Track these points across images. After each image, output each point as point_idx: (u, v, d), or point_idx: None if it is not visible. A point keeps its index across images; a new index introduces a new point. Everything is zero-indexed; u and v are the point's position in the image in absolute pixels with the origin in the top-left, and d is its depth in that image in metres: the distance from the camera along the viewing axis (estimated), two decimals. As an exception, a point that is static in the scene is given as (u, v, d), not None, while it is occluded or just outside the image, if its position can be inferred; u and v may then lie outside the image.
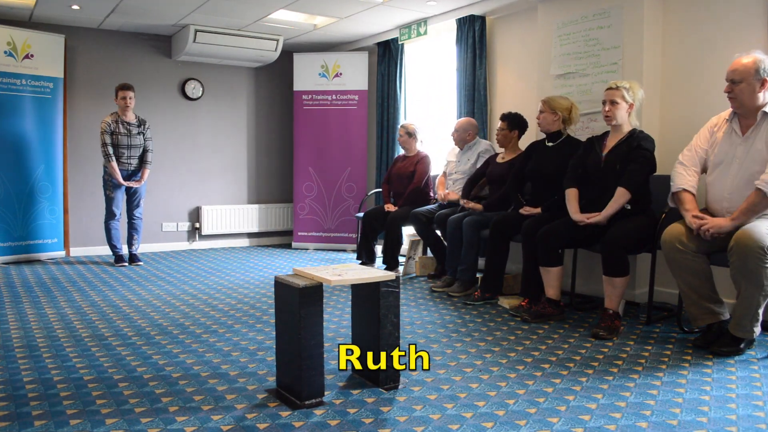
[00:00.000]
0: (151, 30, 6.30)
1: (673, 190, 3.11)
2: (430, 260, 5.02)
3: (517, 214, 3.97)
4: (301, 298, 2.21)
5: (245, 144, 7.09)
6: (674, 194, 3.11)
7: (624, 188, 3.30)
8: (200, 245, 6.83)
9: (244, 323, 3.47)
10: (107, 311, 3.76)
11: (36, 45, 5.62)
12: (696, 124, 3.51)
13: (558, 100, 3.92)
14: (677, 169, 3.13)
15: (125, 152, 5.40)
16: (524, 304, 3.66)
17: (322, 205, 6.73)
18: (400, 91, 6.17)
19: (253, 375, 2.59)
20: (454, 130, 4.81)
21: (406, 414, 2.17)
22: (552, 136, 3.96)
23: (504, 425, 2.07)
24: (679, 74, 3.93)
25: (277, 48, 6.48)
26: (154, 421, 2.09)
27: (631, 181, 3.30)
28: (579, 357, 2.83)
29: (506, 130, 4.37)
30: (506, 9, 5.04)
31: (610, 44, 4.09)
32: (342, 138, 6.64)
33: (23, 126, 5.59)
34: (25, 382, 2.48)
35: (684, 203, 3.03)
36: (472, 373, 2.61)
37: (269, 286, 4.57)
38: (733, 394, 2.35)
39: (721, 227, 2.83)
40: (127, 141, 5.39)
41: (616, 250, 3.20)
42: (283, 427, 2.06)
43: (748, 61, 2.86)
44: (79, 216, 6.11)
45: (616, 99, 3.40)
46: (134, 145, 5.44)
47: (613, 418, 2.13)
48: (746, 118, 2.94)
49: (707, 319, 2.95)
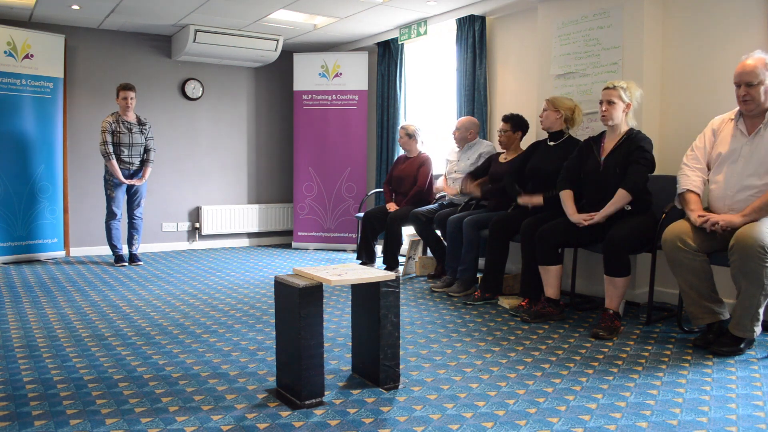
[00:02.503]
0: (151, 30, 6.30)
1: (679, 192, 3.11)
2: (430, 260, 5.02)
3: (517, 214, 3.97)
4: (301, 298, 2.20)
5: (245, 144, 7.09)
6: (679, 195, 3.12)
7: (625, 190, 3.31)
8: (200, 245, 6.83)
9: (244, 323, 3.47)
10: (107, 311, 3.76)
11: (36, 45, 5.62)
12: (696, 124, 3.52)
13: (562, 99, 3.93)
14: (682, 171, 3.14)
15: (126, 152, 5.41)
16: (524, 304, 3.66)
17: (322, 205, 6.73)
18: (400, 91, 6.17)
19: (253, 375, 2.59)
20: (456, 129, 4.81)
21: (406, 414, 2.17)
22: (554, 135, 3.96)
23: (504, 425, 2.07)
24: (679, 74, 3.93)
25: (277, 48, 6.48)
26: (154, 421, 2.09)
27: (632, 184, 3.30)
28: (579, 357, 2.83)
29: (510, 132, 4.37)
30: (506, 9, 5.04)
31: (610, 44, 4.09)
32: (342, 138, 6.64)
33: (23, 126, 5.59)
34: (25, 382, 2.48)
35: (689, 203, 3.04)
36: (472, 373, 2.61)
37: (269, 286, 4.57)
38: (733, 394, 2.35)
39: (732, 222, 2.82)
40: (128, 140, 5.40)
41: (617, 250, 3.20)
42: (283, 427, 2.06)
43: (758, 61, 2.85)
44: (79, 216, 6.11)
45: (612, 99, 3.40)
46: (135, 145, 5.45)
47: (613, 418, 2.13)
48: (752, 118, 2.94)
49: (707, 318, 2.95)
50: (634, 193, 3.32)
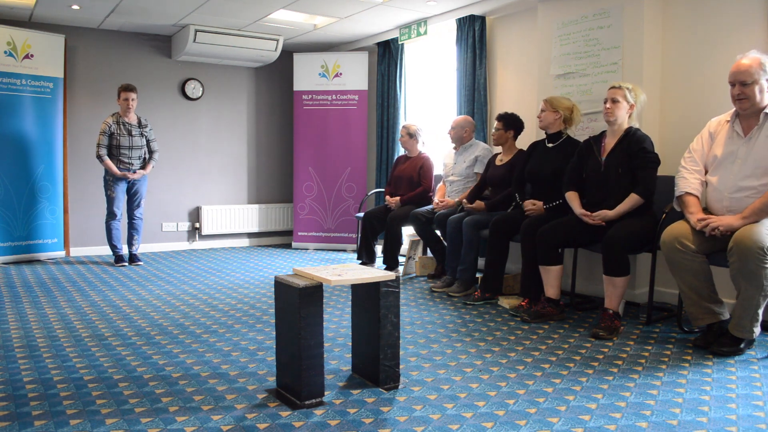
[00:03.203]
0: (151, 30, 6.30)
1: (677, 194, 3.11)
2: (430, 260, 5.02)
3: (517, 214, 3.97)
4: (301, 298, 2.21)
5: (245, 144, 7.09)
6: (678, 198, 3.12)
7: (638, 196, 3.32)
8: (200, 245, 6.83)
9: (244, 323, 3.47)
10: (107, 311, 3.76)
11: (36, 45, 5.62)
12: (696, 124, 3.51)
13: (560, 99, 3.92)
14: (680, 173, 3.14)
15: (126, 153, 5.40)
16: (524, 304, 3.66)
17: (322, 205, 6.73)
18: (400, 91, 6.17)
19: (253, 375, 2.59)
20: (451, 128, 4.79)
21: (406, 414, 2.17)
22: (552, 136, 3.96)
23: (504, 425, 2.07)
24: (679, 74, 3.93)
25: (277, 48, 6.49)
26: (154, 421, 2.09)
27: (645, 189, 3.33)
28: (579, 357, 2.83)
29: (501, 130, 4.37)
30: (506, 9, 5.04)
31: (610, 44, 4.09)
32: (342, 138, 6.64)
33: (23, 126, 5.59)
34: (25, 382, 2.48)
35: (688, 206, 3.04)
36: (472, 373, 2.61)
37: (269, 286, 4.57)
38: (733, 394, 2.35)
39: (731, 225, 2.82)
40: (127, 142, 5.39)
41: (616, 250, 3.21)
42: (283, 427, 2.06)
43: (753, 61, 2.86)
44: (79, 216, 6.11)
45: (617, 97, 3.41)
46: (135, 146, 5.44)
47: (613, 418, 2.13)
48: (748, 119, 2.95)
49: (707, 319, 2.95)
50: (647, 198, 3.34)
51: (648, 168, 3.33)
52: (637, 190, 3.33)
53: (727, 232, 2.83)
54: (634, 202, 3.34)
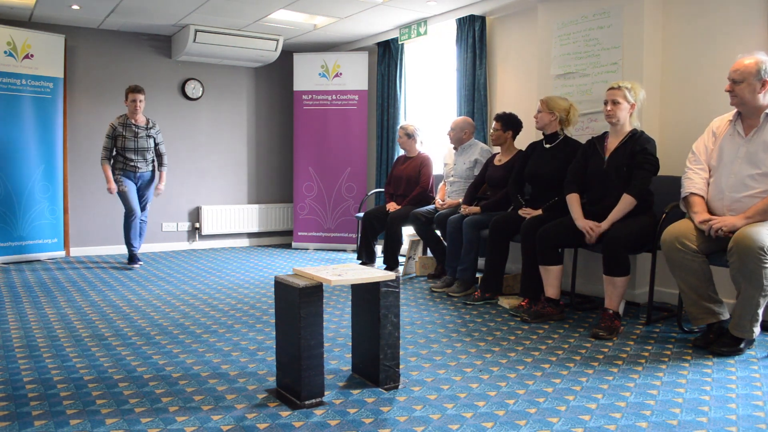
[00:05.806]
0: (151, 30, 6.30)
1: (683, 195, 3.12)
2: (430, 260, 5.02)
3: (517, 214, 3.97)
4: (301, 298, 2.21)
5: (245, 144, 7.09)
6: (683, 198, 3.12)
7: (631, 196, 3.31)
8: (200, 245, 6.83)
9: (244, 323, 3.47)
10: (107, 311, 3.76)
11: (36, 45, 5.62)
12: (696, 125, 3.52)
13: (556, 100, 3.91)
14: (685, 174, 3.15)
15: (132, 155, 5.35)
16: (524, 304, 3.66)
17: (322, 205, 6.73)
18: (400, 91, 6.17)
19: (253, 375, 2.59)
20: (450, 129, 4.78)
21: (406, 414, 2.17)
22: (549, 137, 3.95)
23: (504, 425, 2.07)
24: (679, 74, 3.93)
25: (277, 48, 6.49)
26: (154, 421, 2.09)
27: (637, 189, 3.31)
28: (579, 357, 2.83)
29: (500, 131, 4.37)
30: (506, 9, 5.04)
31: (610, 44, 4.09)
32: (342, 138, 6.64)
33: (23, 126, 5.59)
34: (25, 382, 2.48)
35: (692, 206, 3.04)
36: (472, 373, 2.61)
37: (269, 286, 4.57)
38: (733, 394, 2.35)
39: (735, 225, 2.82)
40: (133, 144, 5.34)
41: (616, 250, 3.21)
42: (283, 427, 2.06)
43: (749, 61, 2.88)
44: (79, 216, 6.10)
45: (617, 99, 3.40)
46: (141, 148, 5.38)
47: (613, 418, 2.13)
48: (749, 120, 2.95)
49: (707, 319, 2.96)
50: (639, 198, 3.33)
51: (645, 168, 3.32)
52: (629, 190, 3.32)
53: (731, 233, 2.83)
54: (626, 205, 3.32)
